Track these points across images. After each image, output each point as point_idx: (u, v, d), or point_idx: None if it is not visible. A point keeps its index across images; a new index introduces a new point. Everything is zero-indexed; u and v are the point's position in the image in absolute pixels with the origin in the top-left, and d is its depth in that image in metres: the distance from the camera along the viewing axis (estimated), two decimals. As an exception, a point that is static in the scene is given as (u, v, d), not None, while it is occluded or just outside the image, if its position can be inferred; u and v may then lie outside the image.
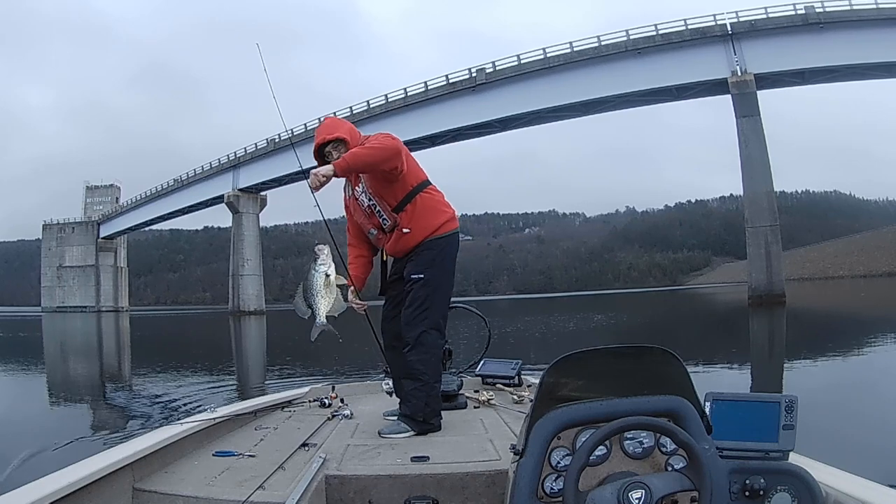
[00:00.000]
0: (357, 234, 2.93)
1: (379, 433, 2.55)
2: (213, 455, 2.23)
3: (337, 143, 2.71)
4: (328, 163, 2.69)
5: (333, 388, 3.30)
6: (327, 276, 2.56)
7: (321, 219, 2.98)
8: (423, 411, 2.60)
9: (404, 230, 2.70)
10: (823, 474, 1.44)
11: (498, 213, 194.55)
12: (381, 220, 2.76)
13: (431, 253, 2.73)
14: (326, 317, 2.58)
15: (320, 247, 2.58)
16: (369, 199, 2.75)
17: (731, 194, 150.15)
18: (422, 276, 2.70)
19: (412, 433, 2.55)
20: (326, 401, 3.09)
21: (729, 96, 30.96)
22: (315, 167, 2.59)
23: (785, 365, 9.74)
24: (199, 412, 2.57)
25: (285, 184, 50.23)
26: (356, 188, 2.80)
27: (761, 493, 1.36)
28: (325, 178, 2.54)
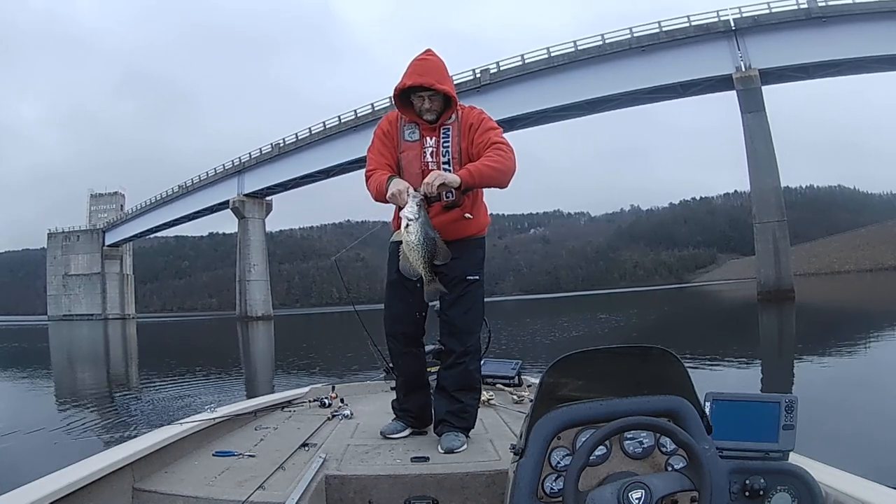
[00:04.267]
0: (387, 168, 2.40)
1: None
2: (213, 455, 2.23)
3: (434, 94, 2.33)
4: (413, 106, 2.37)
5: (333, 388, 3.28)
6: (408, 221, 2.20)
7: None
8: (473, 423, 2.42)
9: (467, 214, 2.38)
10: (823, 474, 1.43)
11: (503, 214, 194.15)
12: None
13: (481, 252, 2.49)
14: (429, 266, 2.23)
15: (413, 193, 2.22)
16: (445, 159, 2.36)
17: (736, 191, 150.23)
18: (477, 277, 2.44)
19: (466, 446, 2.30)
20: (326, 401, 3.08)
21: (733, 92, 30.90)
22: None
23: (795, 361, 9.68)
24: (199, 412, 2.57)
25: (291, 188, 50.42)
26: (428, 137, 2.37)
27: (761, 493, 1.35)
28: (445, 188, 2.20)
